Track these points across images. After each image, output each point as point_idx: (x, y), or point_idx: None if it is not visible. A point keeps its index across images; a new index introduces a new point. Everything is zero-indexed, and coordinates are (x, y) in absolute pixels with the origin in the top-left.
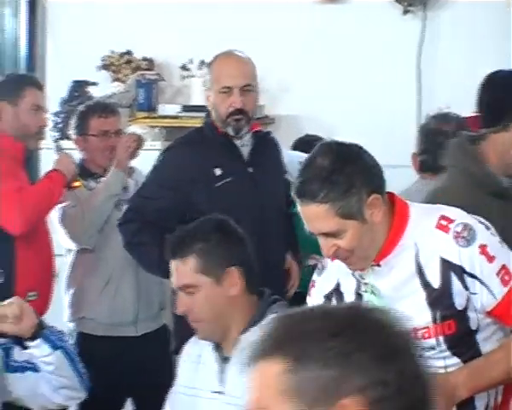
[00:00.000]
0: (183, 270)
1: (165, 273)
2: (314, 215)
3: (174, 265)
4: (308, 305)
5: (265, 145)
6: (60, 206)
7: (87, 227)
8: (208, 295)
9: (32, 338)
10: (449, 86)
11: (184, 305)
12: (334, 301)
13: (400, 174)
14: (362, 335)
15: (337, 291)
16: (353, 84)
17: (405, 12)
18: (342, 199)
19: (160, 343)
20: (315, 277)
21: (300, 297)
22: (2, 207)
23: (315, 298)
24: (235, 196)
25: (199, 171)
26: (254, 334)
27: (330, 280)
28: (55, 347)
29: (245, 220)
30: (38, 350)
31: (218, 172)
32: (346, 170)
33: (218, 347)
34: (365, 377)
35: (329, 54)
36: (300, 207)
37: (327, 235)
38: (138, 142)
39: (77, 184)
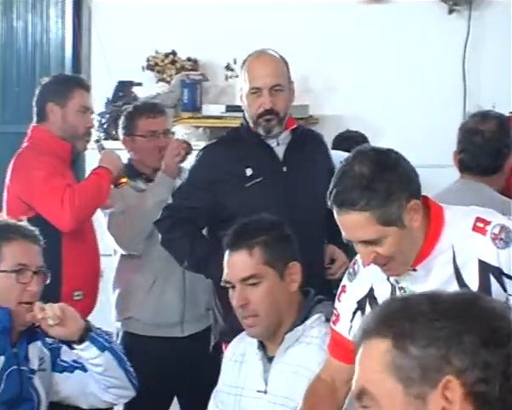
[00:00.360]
0: (248, 261)
1: (195, 266)
2: (354, 224)
3: (237, 256)
4: (338, 311)
5: (304, 143)
6: (108, 211)
7: (135, 234)
8: (271, 288)
9: (80, 341)
10: (494, 85)
11: (244, 298)
12: (367, 307)
13: (444, 174)
14: (473, 319)
15: (371, 296)
16: (398, 84)
17: (451, 11)
18: (383, 206)
19: (207, 344)
20: (345, 282)
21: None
22: (52, 205)
23: (346, 303)
24: (264, 196)
25: (230, 171)
26: (298, 333)
27: (363, 285)
28: (102, 348)
29: None
30: (87, 353)
31: (249, 172)
32: (385, 177)
33: (262, 346)
34: (470, 359)
35: (374, 54)
36: (338, 216)
37: (366, 243)
38: (187, 148)
39: (124, 180)
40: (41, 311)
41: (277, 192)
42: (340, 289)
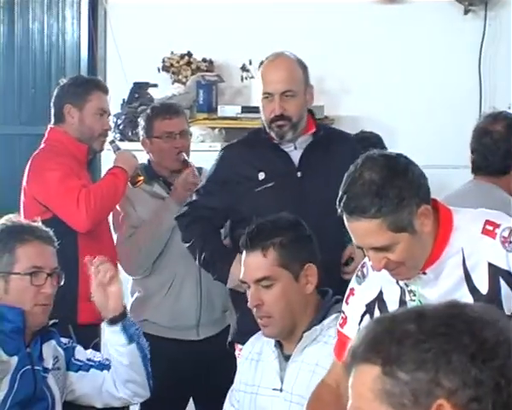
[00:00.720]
0: (263, 262)
1: (204, 266)
2: (365, 231)
3: (251, 257)
4: (346, 313)
5: (329, 145)
6: (118, 234)
7: (142, 262)
8: (285, 290)
9: (112, 322)
10: (510, 86)
11: (258, 299)
12: (376, 310)
13: (458, 175)
14: (459, 334)
15: (380, 300)
16: (414, 85)
17: (466, 12)
18: (394, 213)
19: (223, 346)
20: (354, 285)
21: None
22: (68, 205)
23: (354, 306)
24: (274, 202)
25: (244, 173)
26: (316, 333)
27: (372, 288)
28: (131, 339)
29: None
30: (116, 337)
31: (261, 176)
32: (395, 183)
33: (279, 344)
34: (459, 379)
35: (390, 54)
36: (349, 223)
37: (377, 249)
38: (199, 182)
39: (141, 178)
40: (101, 262)
41: (289, 198)
42: (348, 292)
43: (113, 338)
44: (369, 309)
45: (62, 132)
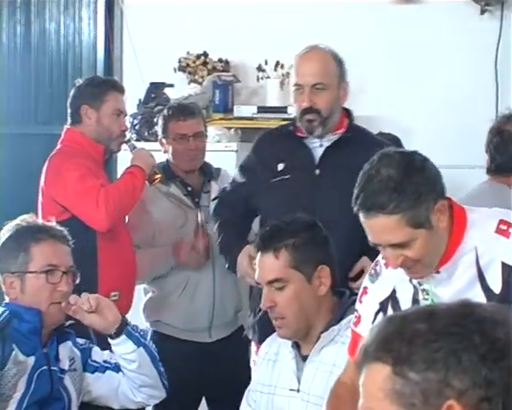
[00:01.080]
0: (275, 264)
1: (221, 254)
2: (383, 227)
3: (264, 258)
4: (359, 312)
5: (355, 146)
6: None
7: (143, 281)
8: (298, 291)
9: (117, 334)
10: None
11: (271, 300)
12: (389, 309)
13: (474, 175)
14: (470, 333)
15: (393, 298)
16: (430, 85)
17: (483, 12)
18: (412, 208)
19: (236, 346)
20: (367, 283)
21: None
22: (87, 205)
23: (368, 305)
24: (288, 196)
25: (267, 162)
26: (333, 333)
27: (385, 287)
28: (138, 343)
29: None
30: (123, 347)
31: (280, 167)
32: (413, 179)
33: (296, 345)
34: (470, 379)
35: (406, 54)
36: (366, 220)
37: (395, 246)
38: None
39: (158, 176)
40: (74, 299)
41: (303, 194)
42: (361, 290)
43: (120, 349)
44: (383, 307)
45: (79, 133)
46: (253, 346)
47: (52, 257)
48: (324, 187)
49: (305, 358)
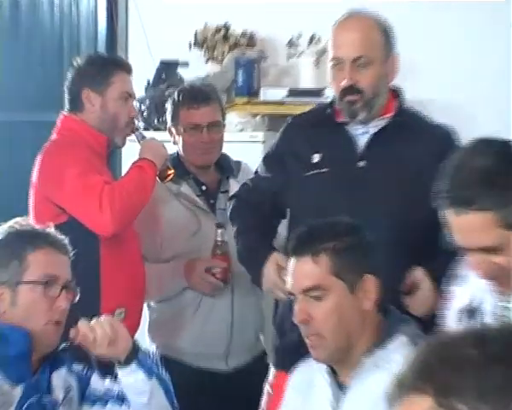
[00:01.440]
0: (313, 269)
1: (241, 261)
2: (471, 227)
3: (300, 263)
4: (448, 320)
5: (409, 132)
6: None
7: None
8: (339, 302)
9: (126, 363)
10: None
11: (305, 312)
12: (466, 319)
13: None
14: None
15: (475, 308)
16: (485, 68)
17: None
18: (507, 206)
19: (257, 375)
20: (453, 287)
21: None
22: (89, 206)
23: (455, 311)
24: (323, 193)
25: (300, 151)
26: (379, 357)
27: (466, 295)
28: (150, 373)
29: None
30: (132, 377)
31: (315, 158)
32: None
33: (332, 371)
34: None
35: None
36: (452, 218)
37: (483, 250)
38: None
39: (171, 172)
40: (91, 331)
41: (342, 191)
42: (448, 295)
43: (129, 379)
44: (460, 317)
45: (79, 121)
46: (272, 372)
47: (50, 267)
48: (369, 182)
49: (342, 386)
